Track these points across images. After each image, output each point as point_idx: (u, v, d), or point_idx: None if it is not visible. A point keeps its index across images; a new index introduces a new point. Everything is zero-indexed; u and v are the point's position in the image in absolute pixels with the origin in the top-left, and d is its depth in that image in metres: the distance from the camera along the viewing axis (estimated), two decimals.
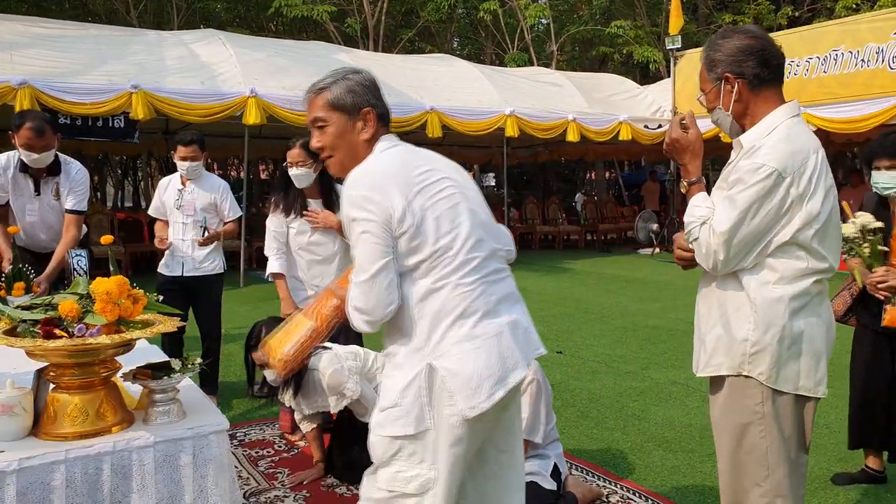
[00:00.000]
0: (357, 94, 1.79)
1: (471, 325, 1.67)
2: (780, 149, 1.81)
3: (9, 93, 7.54)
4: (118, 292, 1.65)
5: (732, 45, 1.91)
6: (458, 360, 1.65)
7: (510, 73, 13.64)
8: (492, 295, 1.72)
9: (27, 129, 3.44)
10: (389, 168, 1.72)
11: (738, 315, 1.90)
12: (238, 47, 9.96)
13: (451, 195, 1.73)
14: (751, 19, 16.08)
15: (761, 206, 1.80)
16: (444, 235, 1.68)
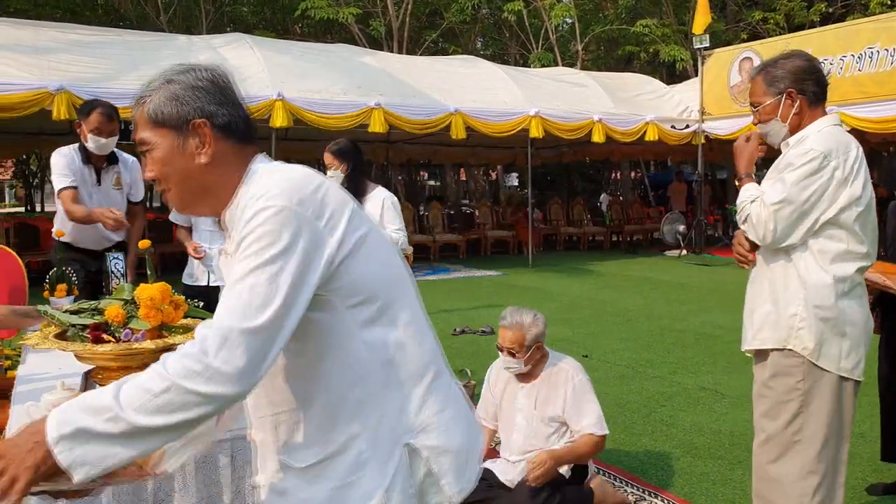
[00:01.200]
0: (183, 101, 1.23)
1: (445, 389, 1.32)
2: (826, 138, 2.06)
3: (46, 98, 7.75)
4: (161, 298, 1.71)
5: (794, 64, 2.15)
6: (443, 434, 1.27)
7: (535, 73, 13.63)
8: (438, 356, 1.36)
9: (98, 114, 3.60)
10: None
11: (788, 293, 2.10)
12: (265, 51, 10.10)
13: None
14: (782, 16, 15.84)
15: (809, 183, 2.01)
16: (382, 281, 1.26)
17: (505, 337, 2.79)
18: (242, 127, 1.28)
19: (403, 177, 21.45)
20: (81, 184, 3.75)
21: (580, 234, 15.18)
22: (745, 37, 16.43)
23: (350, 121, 9.66)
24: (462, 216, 15.71)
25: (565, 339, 6.08)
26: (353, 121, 9.69)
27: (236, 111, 1.28)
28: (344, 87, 9.90)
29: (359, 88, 9.99)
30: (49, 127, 9.23)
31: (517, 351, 2.78)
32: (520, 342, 2.76)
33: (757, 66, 2.28)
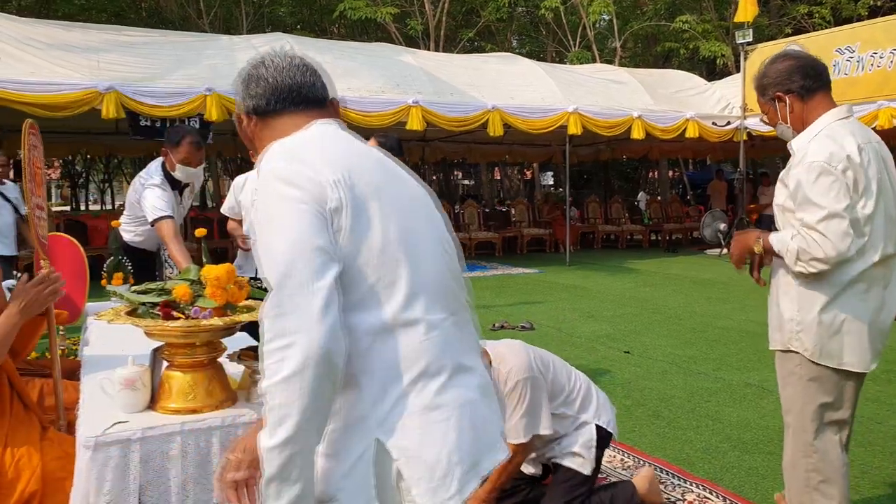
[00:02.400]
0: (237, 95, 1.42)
1: (436, 389, 1.22)
2: (821, 146, 2.09)
3: (96, 97, 7.97)
4: (227, 278, 1.76)
5: (776, 68, 2.24)
6: (418, 437, 1.19)
7: (573, 70, 13.55)
8: (461, 344, 1.29)
9: (189, 144, 3.55)
10: None
11: (786, 297, 2.20)
12: (305, 50, 10.10)
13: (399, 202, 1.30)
14: (828, 10, 15.45)
15: (836, 188, 2.04)
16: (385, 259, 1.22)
17: None
18: (261, 107, 1.37)
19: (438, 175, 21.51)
20: (174, 210, 3.71)
21: (618, 232, 15.04)
22: (790, 31, 16.07)
23: (388, 118, 9.74)
24: (498, 214, 15.69)
25: (606, 336, 6.05)
26: (392, 118, 9.76)
27: (257, 97, 1.37)
28: (382, 85, 9.98)
29: (397, 86, 10.06)
30: (96, 127, 9.51)
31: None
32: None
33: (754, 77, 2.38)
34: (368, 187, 1.23)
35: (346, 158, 1.26)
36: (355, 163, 1.26)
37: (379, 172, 1.29)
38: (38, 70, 7.96)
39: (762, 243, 2.21)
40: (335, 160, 1.23)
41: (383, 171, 1.31)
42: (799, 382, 2.20)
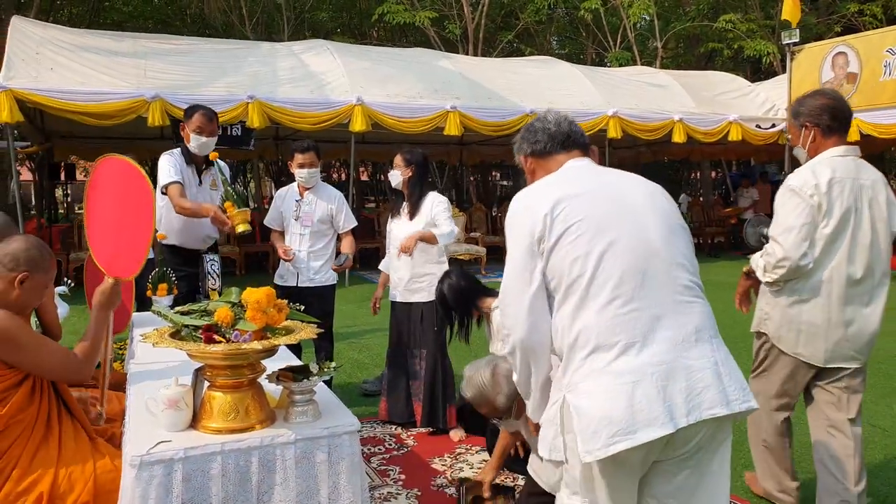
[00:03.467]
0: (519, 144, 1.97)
1: (608, 360, 1.54)
2: (800, 175, 2.56)
3: (142, 106, 8.21)
4: (266, 302, 1.81)
5: (814, 103, 2.65)
6: (585, 397, 1.55)
7: (612, 73, 13.40)
8: (646, 328, 1.55)
9: (200, 115, 3.92)
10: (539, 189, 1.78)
11: (763, 292, 2.77)
12: (345, 56, 10.35)
13: (600, 213, 1.65)
14: (880, 7, 14.95)
15: (792, 209, 2.52)
16: (586, 257, 1.60)
17: (480, 411, 2.63)
18: (540, 151, 1.89)
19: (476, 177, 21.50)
20: (185, 183, 3.96)
21: None
22: (839, 30, 15.61)
23: (426, 124, 9.78)
24: None
25: None
26: (429, 124, 9.81)
27: (536, 143, 1.88)
28: (420, 90, 10.03)
29: (435, 92, 10.10)
30: (142, 133, 9.77)
31: (500, 416, 2.62)
32: (494, 410, 2.57)
33: (796, 101, 2.80)
34: (576, 210, 1.65)
35: (574, 188, 1.70)
36: (577, 191, 1.69)
37: (593, 195, 1.70)
38: (88, 79, 8.23)
39: (747, 268, 2.84)
40: (560, 193, 1.69)
41: (600, 191, 1.72)
42: (765, 358, 2.85)
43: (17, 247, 2.16)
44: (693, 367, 1.55)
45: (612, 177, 1.79)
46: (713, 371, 1.56)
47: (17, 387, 2.12)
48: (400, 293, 4.08)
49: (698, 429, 1.55)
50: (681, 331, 1.58)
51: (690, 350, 1.57)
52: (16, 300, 2.15)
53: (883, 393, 4.71)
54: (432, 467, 3.51)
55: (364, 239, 12.48)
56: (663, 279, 1.61)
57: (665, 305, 1.59)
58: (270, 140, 13.72)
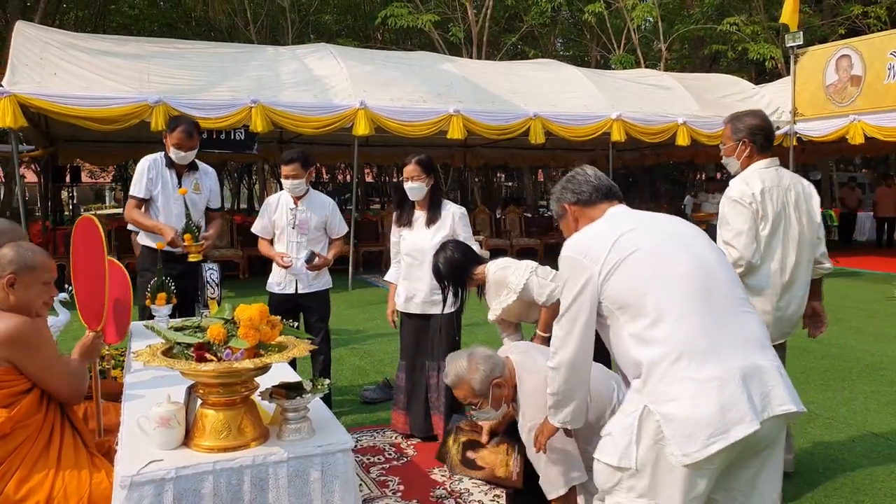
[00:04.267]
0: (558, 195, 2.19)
1: (692, 368, 1.68)
2: (737, 187, 3.01)
3: (146, 110, 8.22)
4: (259, 319, 1.80)
5: (753, 122, 3.06)
6: (674, 405, 1.66)
7: (616, 75, 13.37)
8: (721, 338, 1.71)
9: (180, 131, 4.04)
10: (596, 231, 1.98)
11: None
12: (348, 60, 10.35)
13: (656, 242, 1.86)
14: (884, 9, 14.89)
15: (737, 214, 2.95)
16: (647, 280, 1.78)
17: (458, 394, 2.61)
18: (584, 198, 2.09)
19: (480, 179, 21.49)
20: (164, 186, 4.11)
21: None
22: (843, 32, 15.55)
23: (429, 128, 9.77)
24: (540, 220, 15.59)
25: None
26: (433, 128, 9.79)
27: (581, 192, 2.10)
28: (424, 94, 10.02)
29: (438, 95, 10.09)
30: (146, 136, 9.79)
31: (476, 403, 2.58)
32: (471, 394, 2.55)
33: (728, 116, 3.18)
34: (633, 240, 1.85)
35: (625, 225, 1.91)
36: (630, 227, 1.90)
37: (646, 227, 1.90)
38: (91, 84, 8.25)
39: None
40: (615, 228, 1.91)
41: (651, 225, 1.93)
42: None
43: (2, 253, 2.22)
44: (764, 368, 1.72)
45: (654, 216, 2.01)
46: (778, 372, 1.74)
47: (27, 393, 2.16)
48: (418, 305, 3.93)
49: (772, 425, 1.71)
50: (749, 337, 1.76)
51: (758, 353, 1.74)
52: (15, 304, 2.20)
53: (888, 400, 4.67)
54: (431, 478, 3.49)
55: (368, 242, 12.47)
56: (726, 293, 1.81)
57: (731, 316, 1.77)
58: (274, 143, 13.74)
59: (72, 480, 2.12)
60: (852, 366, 5.57)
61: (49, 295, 2.34)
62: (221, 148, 9.52)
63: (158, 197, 4.11)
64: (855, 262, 12.29)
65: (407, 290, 3.97)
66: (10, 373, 2.11)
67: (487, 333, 5.78)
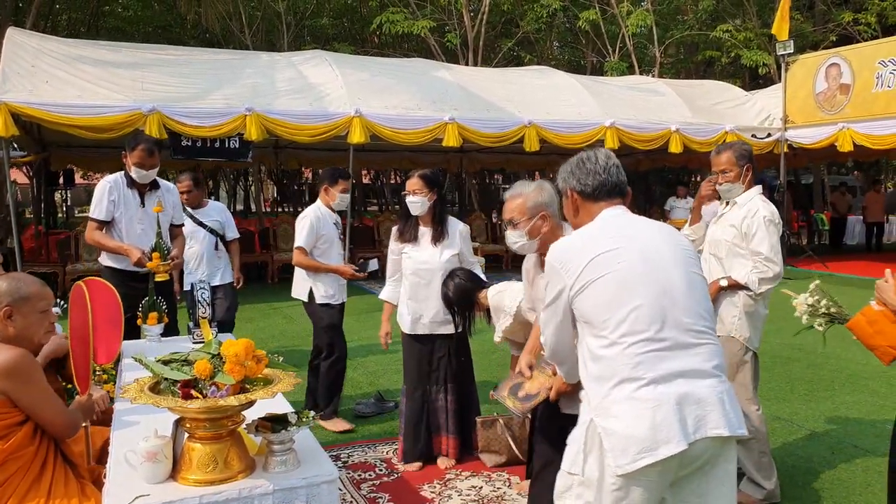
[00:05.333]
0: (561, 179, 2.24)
1: (633, 389, 1.80)
2: (767, 208, 3.31)
3: (139, 119, 8.23)
4: (245, 355, 1.84)
5: (748, 148, 3.48)
6: (615, 421, 1.80)
7: (610, 82, 13.43)
8: (663, 365, 1.81)
9: (141, 150, 4.08)
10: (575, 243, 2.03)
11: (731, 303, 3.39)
12: (343, 67, 10.37)
13: (626, 268, 1.90)
14: (874, 17, 14.99)
15: (773, 232, 3.27)
16: (612, 304, 1.87)
17: (505, 209, 2.66)
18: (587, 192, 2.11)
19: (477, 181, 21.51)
20: (126, 206, 4.15)
21: None
22: (835, 38, 15.65)
23: (425, 135, 9.81)
24: None
25: None
26: (428, 135, 9.83)
27: (584, 182, 2.11)
28: (419, 101, 10.06)
29: (433, 103, 10.13)
30: None
31: (518, 220, 2.61)
32: (520, 209, 2.60)
33: (725, 145, 3.52)
34: (597, 267, 1.90)
35: (606, 243, 1.94)
36: (609, 247, 1.93)
37: (623, 250, 1.93)
38: (84, 92, 8.26)
39: (728, 282, 3.30)
40: (594, 247, 1.94)
41: (630, 246, 1.94)
42: (746, 361, 3.34)
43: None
44: (702, 395, 1.82)
45: (642, 229, 2.03)
46: (718, 399, 1.83)
47: (21, 426, 2.19)
48: (426, 325, 3.78)
49: (705, 446, 1.81)
50: (694, 367, 1.85)
51: (700, 382, 1.84)
52: (15, 335, 2.25)
53: (869, 411, 4.72)
54: (421, 494, 3.53)
55: (364, 247, 12.49)
56: (681, 326, 1.87)
57: (681, 346, 1.85)
58: (270, 149, 13.75)
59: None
60: (836, 375, 5.63)
61: (49, 321, 2.38)
62: (215, 156, 9.54)
63: (121, 218, 4.13)
64: (845, 267, 12.37)
65: (413, 311, 3.80)
66: (5, 405, 2.15)
67: (502, 353, 5.82)
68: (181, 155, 9.18)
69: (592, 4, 16.12)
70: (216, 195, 30.02)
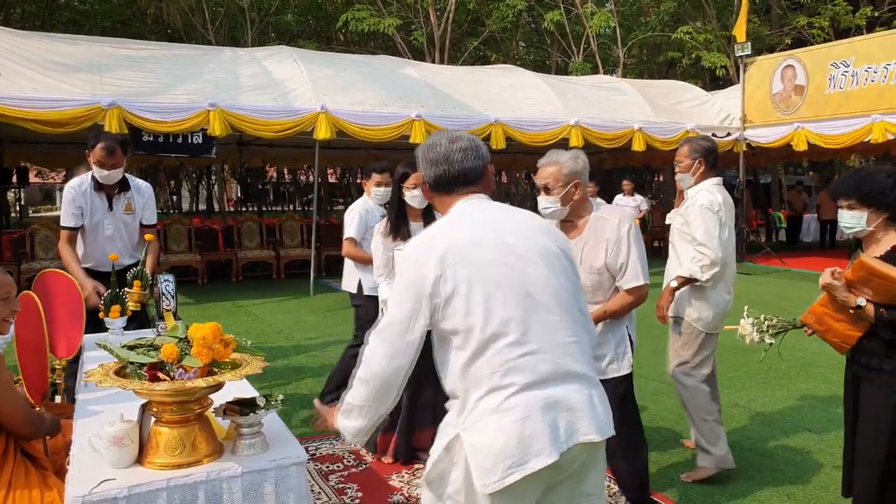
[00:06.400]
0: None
1: (501, 399, 1.67)
2: (709, 195, 3.48)
3: (98, 113, 8.05)
4: (212, 338, 1.83)
5: (707, 145, 3.63)
6: (480, 436, 1.67)
7: (575, 81, 13.61)
8: (531, 370, 1.69)
9: (100, 149, 3.85)
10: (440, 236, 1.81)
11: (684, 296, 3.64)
12: (308, 64, 10.31)
13: (484, 269, 1.74)
14: (827, 21, 15.47)
15: (710, 220, 3.44)
16: (475, 309, 1.70)
17: (541, 174, 2.70)
18: (441, 183, 1.89)
19: None
20: (94, 211, 3.97)
21: None
22: (790, 41, 16.10)
23: (391, 132, 9.81)
24: None
25: None
26: (395, 132, 9.83)
27: (435, 171, 1.88)
28: (385, 98, 10.05)
29: (400, 100, 10.13)
30: None
31: (553, 186, 2.66)
32: (555, 176, 2.67)
33: (689, 138, 3.72)
34: (462, 268, 1.73)
35: (461, 240, 1.77)
36: (465, 243, 1.76)
37: (479, 248, 1.76)
38: (41, 86, 8.05)
39: (678, 282, 3.52)
40: (449, 249, 1.75)
41: (485, 241, 1.78)
42: (693, 339, 3.57)
43: None
44: (572, 400, 1.72)
45: (500, 221, 1.85)
46: (588, 403, 1.75)
47: None
48: None
49: (578, 453, 1.73)
50: (561, 368, 1.74)
51: (569, 384, 1.74)
52: None
53: (822, 397, 4.89)
54: (390, 484, 3.55)
55: (331, 245, 12.40)
56: (545, 324, 1.75)
57: (547, 347, 1.73)
58: (234, 145, 13.58)
59: (22, 500, 2.12)
60: (791, 364, 5.81)
61: (9, 310, 2.33)
62: (178, 152, 9.39)
63: (88, 224, 4.00)
64: (801, 262, 12.74)
65: None
66: None
67: None
68: (142, 150, 9.00)
69: (557, 5, 16.30)
70: (178, 194, 29.51)
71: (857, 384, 2.76)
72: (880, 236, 2.69)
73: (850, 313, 2.64)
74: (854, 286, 2.59)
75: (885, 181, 2.64)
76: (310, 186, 25.99)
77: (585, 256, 2.77)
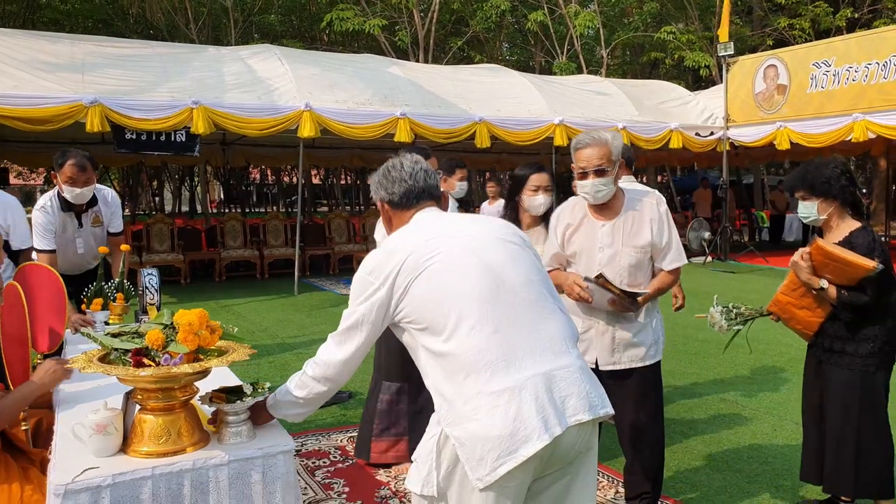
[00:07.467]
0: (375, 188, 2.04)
1: (481, 382, 1.63)
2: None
3: (80, 111, 7.96)
4: (199, 324, 1.81)
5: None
6: (469, 425, 1.62)
7: (559, 81, 13.65)
8: (511, 348, 1.66)
9: (70, 166, 3.69)
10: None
11: None
12: (293, 62, 10.26)
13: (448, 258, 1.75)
14: (808, 22, 15.66)
15: None
16: (439, 301, 1.71)
17: (590, 156, 2.64)
18: (395, 201, 1.96)
19: None
20: (63, 231, 3.86)
21: None
22: (771, 42, 16.28)
23: (376, 130, 9.78)
24: None
25: None
26: (380, 130, 9.81)
27: (395, 191, 1.95)
28: (370, 97, 10.03)
29: (384, 98, 10.11)
30: (81, 137, 9.49)
31: (607, 167, 2.63)
32: (607, 156, 2.63)
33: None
34: (423, 258, 1.76)
35: (419, 238, 1.81)
36: (424, 239, 1.80)
37: (438, 240, 1.80)
38: (22, 83, 7.94)
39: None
40: (408, 247, 1.79)
41: (444, 235, 1.82)
42: None
43: None
44: (558, 377, 1.67)
45: (457, 221, 1.93)
46: (577, 379, 1.69)
47: None
48: None
49: (571, 440, 1.66)
50: (541, 344, 1.70)
51: (554, 361, 1.69)
52: None
53: None
54: (377, 479, 3.53)
55: (315, 245, 12.36)
56: (521, 298, 1.74)
57: (523, 322, 1.71)
58: (217, 145, 13.48)
59: (1, 494, 2.08)
60: (777, 359, 5.86)
61: None
62: (161, 150, 9.28)
63: (58, 243, 3.89)
64: (784, 261, 12.83)
65: None
66: None
67: None
68: (125, 148, 8.89)
69: (541, 5, 16.36)
70: (160, 196, 29.24)
71: (820, 369, 2.86)
72: (835, 224, 2.85)
73: (812, 301, 2.75)
74: (816, 271, 2.70)
75: (830, 172, 2.80)
76: (293, 189, 25.90)
77: (626, 236, 2.74)
